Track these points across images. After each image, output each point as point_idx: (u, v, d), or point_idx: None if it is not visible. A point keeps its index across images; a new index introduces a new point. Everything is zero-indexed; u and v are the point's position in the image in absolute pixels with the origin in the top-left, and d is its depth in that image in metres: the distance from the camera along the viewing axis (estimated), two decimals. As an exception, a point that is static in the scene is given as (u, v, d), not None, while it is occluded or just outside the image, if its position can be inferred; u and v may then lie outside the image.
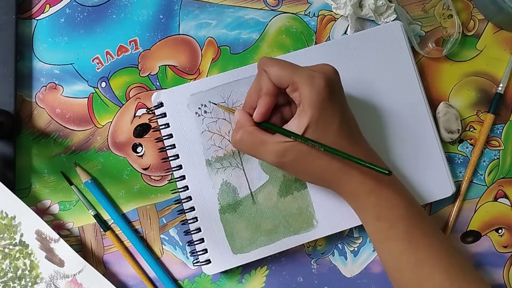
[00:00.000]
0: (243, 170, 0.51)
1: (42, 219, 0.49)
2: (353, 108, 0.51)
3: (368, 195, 0.43)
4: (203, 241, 0.50)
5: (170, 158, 0.51)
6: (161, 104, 0.51)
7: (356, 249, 0.53)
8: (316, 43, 0.54)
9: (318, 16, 0.54)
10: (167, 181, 0.52)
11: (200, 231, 0.50)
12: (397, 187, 0.44)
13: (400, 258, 0.43)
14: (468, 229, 0.54)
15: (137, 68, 0.53)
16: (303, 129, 0.41)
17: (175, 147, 0.50)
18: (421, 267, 0.42)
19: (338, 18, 0.54)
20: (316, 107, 0.41)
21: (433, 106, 0.53)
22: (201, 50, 0.53)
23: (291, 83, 0.42)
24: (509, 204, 0.54)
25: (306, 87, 0.41)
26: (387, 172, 0.40)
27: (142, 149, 0.52)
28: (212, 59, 0.53)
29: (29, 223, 0.49)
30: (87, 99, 0.53)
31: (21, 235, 0.49)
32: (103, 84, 0.53)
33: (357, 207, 0.45)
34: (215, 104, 0.50)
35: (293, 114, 0.44)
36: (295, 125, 0.42)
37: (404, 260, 0.43)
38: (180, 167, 0.50)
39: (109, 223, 0.52)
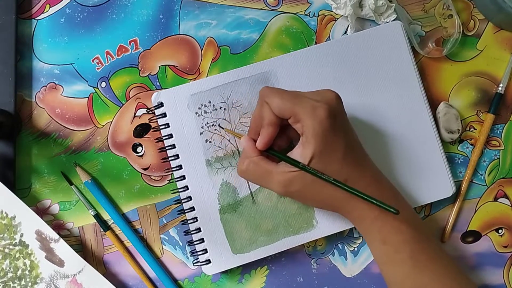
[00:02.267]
0: (243, 170, 0.51)
1: (42, 219, 0.49)
2: (352, 108, 0.51)
3: (374, 220, 0.43)
4: (203, 241, 0.50)
5: (170, 158, 0.51)
6: (161, 104, 0.51)
7: (356, 249, 0.53)
8: (316, 43, 0.54)
9: (318, 16, 0.54)
10: (167, 181, 0.52)
11: (200, 231, 0.50)
12: (404, 211, 0.44)
13: (404, 282, 0.43)
14: (468, 229, 0.54)
15: (137, 68, 0.53)
16: (308, 160, 0.41)
17: (175, 147, 0.50)
18: None
19: (338, 18, 0.54)
20: (319, 138, 0.41)
21: (433, 106, 0.53)
22: (201, 50, 0.53)
23: (293, 115, 0.42)
24: (509, 204, 0.54)
25: (308, 118, 0.41)
26: (395, 211, 0.40)
27: (142, 149, 0.52)
28: (212, 59, 0.53)
29: (29, 223, 0.49)
30: (87, 99, 0.53)
31: (21, 235, 0.49)
32: (103, 84, 0.53)
33: (363, 231, 0.45)
34: (223, 128, 0.50)
35: (298, 135, 0.44)
36: (299, 154, 0.42)
37: (408, 284, 0.43)
38: (180, 167, 0.50)
39: (109, 223, 0.52)
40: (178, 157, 0.50)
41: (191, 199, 0.50)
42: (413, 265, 0.42)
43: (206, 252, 0.50)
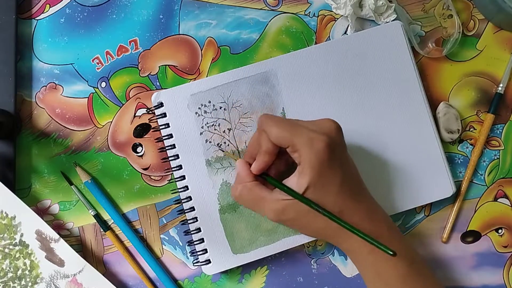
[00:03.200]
0: (243, 170, 0.51)
1: (42, 219, 0.49)
2: (352, 108, 0.51)
3: (368, 254, 0.43)
4: (203, 241, 0.50)
5: (170, 158, 0.51)
6: (161, 104, 0.51)
7: (356, 249, 0.53)
8: (316, 43, 0.54)
9: (318, 16, 0.54)
10: (167, 181, 0.52)
11: (200, 231, 0.50)
12: (399, 244, 0.43)
13: None
14: (468, 229, 0.54)
15: (137, 68, 0.53)
16: (303, 190, 0.41)
17: (175, 147, 0.50)
18: None
19: (338, 18, 0.54)
20: (315, 170, 0.40)
21: (433, 106, 0.53)
22: (201, 50, 0.53)
23: (291, 145, 0.41)
24: (509, 204, 0.54)
25: (305, 149, 0.40)
26: (391, 253, 0.39)
27: (142, 149, 0.52)
28: (212, 59, 0.53)
29: (29, 223, 0.49)
30: (87, 99, 0.53)
31: (21, 235, 0.49)
32: (103, 84, 0.53)
33: (357, 263, 0.44)
34: (223, 151, 0.50)
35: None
36: (294, 183, 0.42)
37: None
38: (180, 167, 0.50)
39: (109, 223, 0.52)
40: (178, 157, 0.50)
41: (191, 199, 0.50)
42: None
43: (206, 252, 0.50)
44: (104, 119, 0.53)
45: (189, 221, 0.50)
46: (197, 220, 0.50)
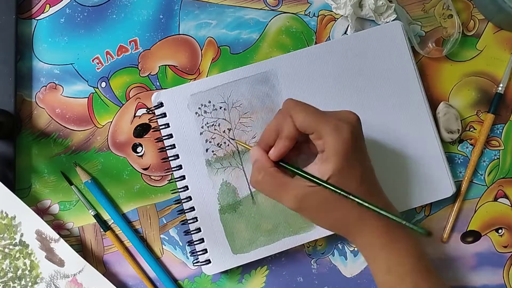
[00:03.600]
0: (243, 170, 0.51)
1: (42, 219, 0.49)
2: (352, 108, 0.51)
3: (382, 248, 0.43)
4: (203, 241, 0.50)
5: (170, 158, 0.51)
6: (161, 104, 0.51)
7: (356, 249, 0.53)
8: (316, 43, 0.54)
9: (318, 16, 0.54)
10: (167, 181, 0.52)
11: (200, 231, 0.50)
12: (409, 242, 0.43)
13: None
14: (468, 229, 0.54)
15: (137, 68, 0.53)
16: (326, 178, 0.41)
17: (175, 147, 0.50)
18: None
19: (338, 18, 0.54)
20: (340, 157, 0.40)
21: (433, 106, 0.53)
22: (201, 50, 0.53)
23: (316, 131, 0.41)
24: (509, 204, 0.54)
25: (331, 137, 0.40)
26: (424, 232, 0.38)
27: (142, 149, 0.52)
28: (212, 59, 0.53)
29: (29, 223, 0.49)
30: (87, 99, 0.53)
31: (21, 235, 0.49)
32: (103, 84, 0.53)
33: (369, 258, 0.44)
34: (234, 139, 0.50)
35: (310, 151, 0.44)
36: (316, 170, 0.41)
37: None
38: (180, 167, 0.50)
39: (109, 223, 0.52)
40: (178, 157, 0.50)
41: (191, 199, 0.50)
42: None
43: (206, 252, 0.50)
44: (104, 119, 0.53)
45: (189, 221, 0.50)
46: (197, 220, 0.50)
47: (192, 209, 0.50)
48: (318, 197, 0.41)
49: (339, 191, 0.40)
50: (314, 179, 0.41)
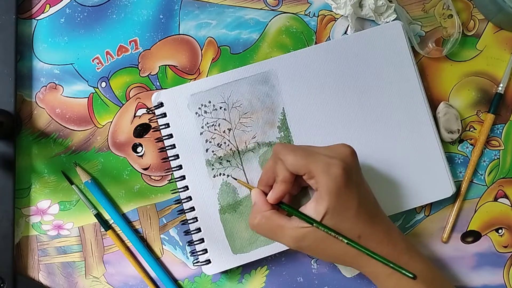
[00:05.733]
0: (243, 170, 0.51)
1: (42, 219, 0.49)
2: (352, 108, 0.51)
3: (389, 276, 0.43)
4: (203, 241, 0.50)
5: (170, 158, 0.51)
6: (161, 104, 0.51)
7: (356, 249, 0.53)
8: (316, 43, 0.54)
9: (318, 16, 0.54)
10: (167, 181, 0.52)
11: (200, 231, 0.50)
12: (419, 266, 0.43)
13: None
14: (468, 229, 0.54)
15: (137, 68, 0.53)
16: (321, 217, 0.41)
17: (175, 147, 0.50)
18: None
19: (338, 18, 0.54)
20: (333, 196, 0.41)
21: (433, 106, 0.53)
22: (201, 50, 0.53)
23: (307, 172, 0.42)
24: (509, 204, 0.54)
25: (322, 175, 0.41)
26: (411, 276, 0.40)
27: (142, 149, 0.52)
28: (212, 59, 0.53)
29: None
30: (87, 99, 0.53)
31: None
32: (103, 84, 0.53)
33: (378, 285, 0.45)
34: (236, 179, 0.50)
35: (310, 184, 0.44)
36: (312, 209, 0.42)
37: None
38: (180, 167, 0.50)
39: (110, 223, 0.52)
40: (178, 157, 0.50)
41: (191, 199, 0.50)
42: None
43: (206, 252, 0.50)
44: (104, 119, 0.53)
45: (189, 221, 0.50)
46: (197, 220, 0.50)
47: (192, 209, 0.50)
48: (314, 236, 0.42)
49: (330, 232, 0.41)
50: (308, 220, 0.42)
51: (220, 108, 0.51)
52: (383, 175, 0.51)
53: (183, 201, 0.50)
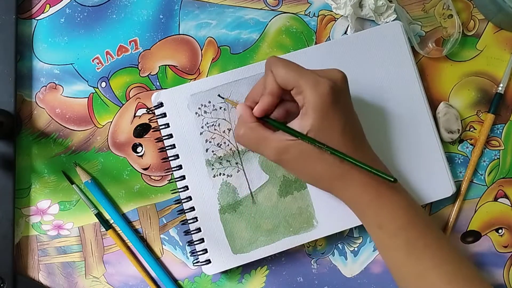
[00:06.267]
0: (243, 170, 0.51)
1: (42, 219, 0.49)
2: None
3: (369, 203, 0.43)
4: (203, 241, 0.50)
5: (170, 158, 0.51)
6: (161, 104, 0.51)
7: (356, 249, 0.53)
8: (316, 43, 0.54)
9: (318, 16, 0.54)
10: (167, 181, 0.52)
11: (200, 231, 0.50)
12: (401, 196, 0.44)
13: (402, 269, 0.43)
14: (468, 229, 0.54)
15: (137, 68, 0.53)
16: (305, 132, 0.41)
17: (175, 147, 0.50)
18: (422, 279, 0.42)
19: (338, 18, 0.54)
20: (318, 112, 0.41)
21: (433, 106, 0.53)
22: (201, 50, 0.53)
23: (296, 86, 0.42)
24: (509, 204, 0.54)
25: (310, 91, 0.41)
26: (392, 179, 0.40)
27: (142, 149, 0.52)
28: (212, 59, 0.53)
29: None
30: (87, 99, 0.53)
31: None
32: (103, 84, 0.53)
33: (358, 214, 0.45)
34: (223, 98, 0.50)
35: (298, 110, 0.44)
36: (297, 126, 0.42)
37: (405, 272, 0.43)
38: (180, 167, 0.50)
39: (110, 223, 0.52)
40: (178, 157, 0.50)
41: (191, 199, 0.50)
42: (409, 252, 0.42)
43: (206, 252, 0.50)
44: (104, 119, 0.53)
45: (189, 221, 0.50)
46: (197, 220, 0.50)
47: (192, 209, 0.50)
48: (298, 149, 0.42)
49: (315, 143, 0.41)
50: (293, 132, 0.42)
51: (220, 108, 0.51)
52: (383, 175, 0.51)
53: (183, 201, 0.50)
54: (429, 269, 0.42)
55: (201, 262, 0.50)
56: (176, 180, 0.50)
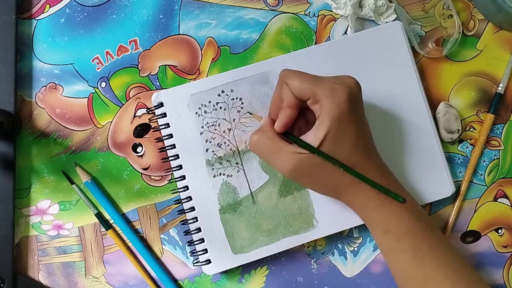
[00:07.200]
0: (243, 170, 0.51)
1: (42, 219, 0.49)
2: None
3: (376, 209, 0.43)
4: (203, 241, 0.50)
5: (170, 158, 0.51)
6: (161, 104, 0.51)
7: (356, 249, 0.53)
8: (316, 43, 0.54)
9: (318, 16, 0.54)
10: (167, 181, 0.52)
11: (200, 231, 0.50)
12: (408, 201, 0.44)
13: (407, 272, 0.43)
14: (468, 229, 0.54)
15: (137, 68, 0.53)
16: (319, 142, 0.41)
17: (175, 147, 0.50)
18: (427, 282, 0.42)
19: (338, 18, 0.54)
20: (334, 121, 0.41)
21: (433, 106, 0.53)
22: (201, 50, 0.53)
23: (312, 96, 0.41)
24: (509, 204, 0.54)
25: (327, 99, 0.41)
26: (401, 199, 0.41)
27: (142, 149, 0.52)
28: (212, 59, 0.53)
29: None
30: (87, 99, 0.53)
31: None
32: (103, 84, 0.53)
33: (366, 220, 0.45)
34: (251, 114, 0.50)
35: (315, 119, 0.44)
36: (312, 137, 0.42)
37: (410, 275, 0.43)
38: (180, 167, 0.50)
39: (110, 223, 0.52)
40: (178, 157, 0.50)
41: (191, 199, 0.50)
42: (415, 254, 0.43)
43: (206, 252, 0.50)
44: (104, 119, 0.53)
45: (189, 221, 0.50)
46: (197, 220, 0.50)
47: (192, 209, 0.50)
48: (310, 163, 0.42)
49: (328, 160, 0.41)
50: (306, 146, 0.42)
51: (220, 108, 0.51)
52: (383, 175, 0.51)
53: (183, 201, 0.50)
54: (435, 271, 0.42)
55: (201, 262, 0.50)
56: (176, 180, 0.50)
